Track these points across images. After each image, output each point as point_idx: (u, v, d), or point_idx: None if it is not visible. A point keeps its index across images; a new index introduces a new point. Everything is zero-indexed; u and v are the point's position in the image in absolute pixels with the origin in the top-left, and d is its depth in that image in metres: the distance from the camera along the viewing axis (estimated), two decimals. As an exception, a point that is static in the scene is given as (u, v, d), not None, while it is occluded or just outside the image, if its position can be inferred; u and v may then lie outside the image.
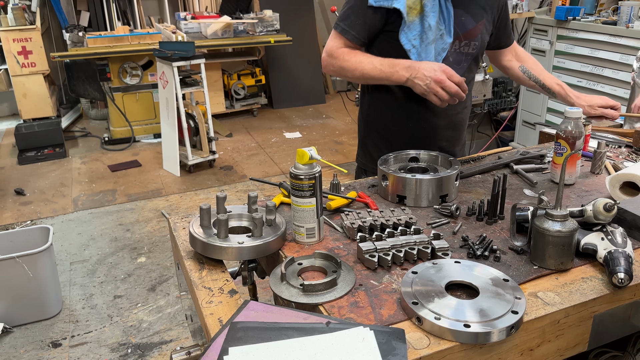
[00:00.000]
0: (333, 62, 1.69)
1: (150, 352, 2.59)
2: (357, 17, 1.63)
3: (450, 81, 1.49)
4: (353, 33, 1.64)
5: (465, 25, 1.67)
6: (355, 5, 1.63)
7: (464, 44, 1.70)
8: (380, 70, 1.60)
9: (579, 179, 1.57)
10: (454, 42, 1.67)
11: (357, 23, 1.63)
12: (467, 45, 1.70)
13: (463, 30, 1.67)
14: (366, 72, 1.63)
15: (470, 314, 0.95)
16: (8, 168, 4.88)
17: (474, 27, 1.69)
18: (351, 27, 1.64)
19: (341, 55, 1.67)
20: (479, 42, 1.72)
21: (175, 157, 4.62)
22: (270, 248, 1.20)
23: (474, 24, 1.69)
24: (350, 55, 1.66)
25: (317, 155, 1.20)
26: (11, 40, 5.11)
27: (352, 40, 1.66)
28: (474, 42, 1.71)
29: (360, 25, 1.63)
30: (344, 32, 1.66)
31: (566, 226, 1.09)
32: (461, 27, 1.67)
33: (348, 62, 1.65)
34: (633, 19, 3.47)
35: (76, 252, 3.48)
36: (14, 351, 2.59)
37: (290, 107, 6.49)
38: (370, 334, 0.91)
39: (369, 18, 1.62)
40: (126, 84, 5.24)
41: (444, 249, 1.16)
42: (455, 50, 1.69)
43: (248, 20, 5.55)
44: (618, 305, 1.08)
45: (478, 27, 1.70)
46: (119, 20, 5.85)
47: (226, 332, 0.94)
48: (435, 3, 1.60)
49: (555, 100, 2.14)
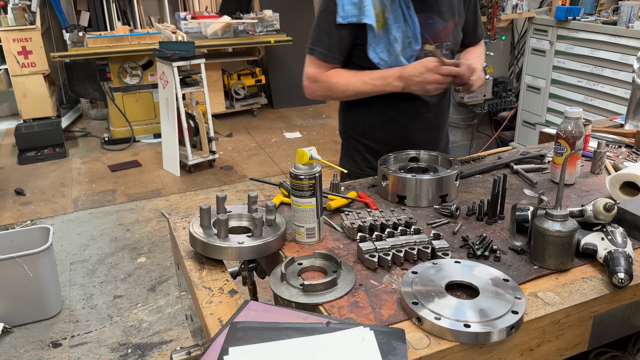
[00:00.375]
0: (319, 86, 1.67)
1: (150, 352, 2.59)
2: (331, 37, 1.61)
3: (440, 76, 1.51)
4: (331, 55, 1.63)
5: (433, 29, 1.64)
6: (325, 26, 1.61)
7: (434, 46, 1.64)
8: (373, 85, 1.60)
9: (579, 179, 1.57)
10: (424, 46, 1.62)
11: (332, 44, 1.61)
12: (438, 47, 1.66)
13: (432, 34, 1.64)
14: (359, 90, 1.62)
15: (470, 314, 0.95)
16: (8, 168, 4.88)
17: (444, 28, 1.66)
18: (328, 50, 1.62)
19: (327, 79, 1.65)
20: (451, 42, 1.69)
21: (175, 157, 4.62)
22: (270, 248, 1.20)
23: (443, 24, 1.66)
24: (337, 77, 1.64)
25: (317, 155, 1.20)
26: (11, 40, 5.11)
27: (331, 61, 1.64)
28: (445, 43, 1.68)
29: (336, 45, 1.61)
30: (322, 55, 1.63)
31: (566, 226, 1.09)
32: (429, 31, 1.63)
33: (337, 84, 1.64)
34: (633, 19, 3.47)
35: (76, 252, 3.48)
36: (14, 351, 2.59)
37: (290, 107, 6.49)
38: (370, 334, 0.91)
39: (341, 36, 1.60)
40: (126, 84, 5.24)
41: (444, 249, 1.16)
42: (427, 55, 1.63)
43: (248, 20, 5.55)
44: (618, 305, 1.08)
45: (449, 27, 1.67)
46: (119, 20, 5.86)
47: (226, 332, 0.94)
48: (398, 14, 1.58)
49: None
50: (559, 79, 4.04)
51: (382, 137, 1.76)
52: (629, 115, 1.98)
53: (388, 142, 1.75)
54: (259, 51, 6.12)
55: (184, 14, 5.74)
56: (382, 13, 1.57)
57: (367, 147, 1.80)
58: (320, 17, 1.62)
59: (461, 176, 1.58)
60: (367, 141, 1.80)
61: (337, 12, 1.57)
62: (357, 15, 1.56)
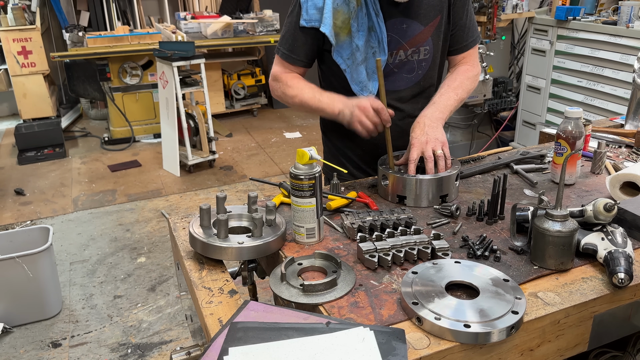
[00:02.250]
0: (277, 86, 1.65)
1: (150, 352, 2.59)
2: (295, 39, 1.59)
3: (371, 108, 1.44)
4: (294, 56, 1.60)
5: (408, 33, 1.57)
6: (290, 27, 1.59)
7: (411, 51, 1.60)
8: (319, 101, 1.57)
9: (579, 179, 1.57)
10: (399, 52, 1.58)
11: (295, 45, 1.59)
12: (415, 52, 1.60)
13: (407, 39, 1.57)
14: (305, 101, 1.59)
15: (470, 314, 0.95)
16: (8, 168, 4.88)
17: (421, 32, 1.58)
18: (291, 51, 1.60)
19: (285, 80, 1.63)
20: (430, 45, 1.61)
21: (175, 157, 4.62)
22: (270, 248, 1.20)
23: (421, 28, 1.57)
24: (293, 82, 1.62)
25: (317, 155, 1.20)
26: (11, 40, 5.11)
27: (294, 63, 1.62)
28: (423, 47, 1.60)
29: (299, 47, 1.59)
30: (284, 56, 1.61)
31: (566, 226, 1.09)
32: (403, 35, 1.57)
33: (290, 87, 1.61)
34: (633, 19, 3.47)
35: (76, 252, 3.48)
36: (13, 351, 2.59)
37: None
38: (370, 334, 0.91)
39: (304, 39, 1.57)
40: (126, 84, 5.24)
41: (444, 249, 1.16)
42: (402, 60, 1.60)
43: (248, 20, 5.55)
44: (618, 305, 1.08)
45: (427, 30, 1.59)
46: (119, 20, 5.85)
47: (226, 332, 0.93)
48: (364, 22, 1.53)
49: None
50: (559, 79, 4.04)
51: (358, 144, 1.72)
52: (629, 115, 1.98)
53: (364, 148, 1.72)
54: (259, 51, 6.12)
55: (184, 14, 5.74)
56: (348, 20, 1.53)
57: (344, 152, 1.80)
58: (288, 18, 1.60)
59: (461, 176, 1.58)
60: (343, 146, 1.79)
61: (302, 15, 1.54)
62: (319, 21, 1.53)
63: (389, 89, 1.59)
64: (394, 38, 1.56)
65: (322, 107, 1.57)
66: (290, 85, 1.62)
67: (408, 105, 1.68)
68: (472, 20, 1.68)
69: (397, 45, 1.57)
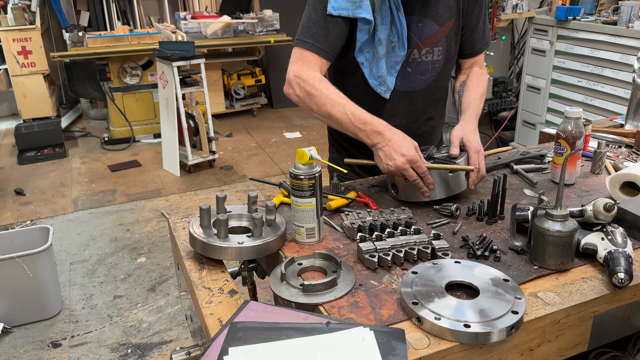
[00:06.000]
0: (301, 85, 1.45)
1: (150, 352, 2.59)
2: (321, 28, 1.45)
3: (412, 171, 1.34)
4: (318, 46, 1.45)
5: (424, 32, 1.54)
6: (314, 15, 1.46)
7: (425, 51, 1.56)
8: (350, 121, 1.40)
9: (579, 179, 1.57)
10: (413, 51, 1.55)
11: (319, 34, 1.45)
12: (429, 52, 1.57)
13: (422, 37, 1.54)
14: (333, 114, 1.42)
15: (470, 314, 0.95)
16: (8, 168, 4.88)
17: (436, 32, 1.55)
18: (315, 40, 1.45)
19: (312, 81, 1.44)
20: (444, 46, 1.58)
21: (175, 157, 4.62)
22: (270, 248, 1.20)
23: (436, 28, 1.55)
24: (323, 85, 1.44)
25: (317, 155, 1.20)
26: (11, 40, 5.11)
27: (320, 54, 1.46)
28: (437, 48, 1.57)
29: (323, 37, 1.45)
30: (307, 45, 1.46)
31: (566, 226, 1.09)
32: (419, 34, 1.53)
33: (319, 91, 1.43)
34: (633, 19, 3.47)
35: (76, 252, 3.48)
36: (13, 351, 2.59)
37: (290, 107, 6.49)
38: (370, 334, 0.91)
39: (332, 28, 1.45)
40: (126, 84, 5.24)
41: (444, 249, 1.16)
42: (416, 60, 1.57)
43: (248, 20, 5.55)
44: (618, 305, 1.08)
45: (442, 31, 1.56)
46: (119, 20, 5.85)
47: (226, 332, 0.93)
48: (387, 15, 1.47)
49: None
50: (559, 79, 4.04)
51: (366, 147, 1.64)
52: (629, 115, 1.98)
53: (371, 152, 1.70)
54: (259, 51, 6.13)
55: (184, 13, 5.74)
56: (372, 13, 1.49)
57: (350, 154, 1.75)
58: (310, 6, 1.48)
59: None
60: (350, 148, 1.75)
61: (329, 1, 1.44)
62: (350, 9, 1.43)
63: (401, 90, 1.59)
64: (410, 36, 1.54)
65: (352, 129, 1.42)
66: (318, 87, 1.43)
67: (420, 107, 1.66)
68: (486, 23, 1.69)
69: (412, 43, 1.55)
